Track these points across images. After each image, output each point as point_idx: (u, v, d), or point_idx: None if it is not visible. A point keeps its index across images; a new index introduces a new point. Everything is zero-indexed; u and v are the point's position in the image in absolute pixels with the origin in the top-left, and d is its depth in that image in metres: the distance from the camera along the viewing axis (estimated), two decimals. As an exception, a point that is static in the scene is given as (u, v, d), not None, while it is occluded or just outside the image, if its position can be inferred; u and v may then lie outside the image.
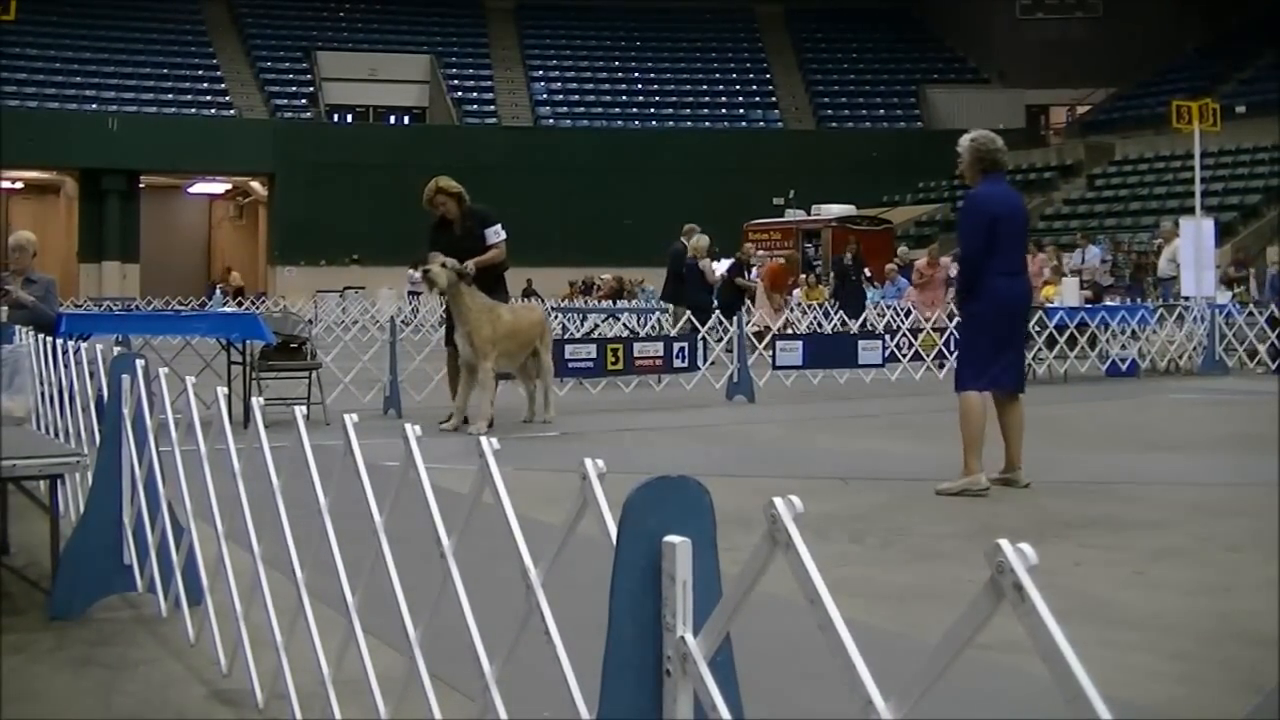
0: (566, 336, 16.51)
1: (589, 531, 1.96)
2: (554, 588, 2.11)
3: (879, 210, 36.12)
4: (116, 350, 5.54)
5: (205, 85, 43.58)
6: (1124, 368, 15.55)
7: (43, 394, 6.09)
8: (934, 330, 16.03)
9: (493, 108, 45.52)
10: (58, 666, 3.85)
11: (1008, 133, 47.05)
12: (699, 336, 14.81)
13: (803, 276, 26.43)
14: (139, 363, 4.37)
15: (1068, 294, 17.67)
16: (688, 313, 16.30)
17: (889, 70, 47.84)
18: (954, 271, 20.31)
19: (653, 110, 46.22)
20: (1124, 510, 6.51)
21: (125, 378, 4.38)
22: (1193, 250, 18.38)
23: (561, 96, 46.51)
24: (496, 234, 10.21)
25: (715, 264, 20.10)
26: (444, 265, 9.75)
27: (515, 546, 2.17)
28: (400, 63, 45.41)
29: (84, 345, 5.49)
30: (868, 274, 24.30)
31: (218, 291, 34.92)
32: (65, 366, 5.69)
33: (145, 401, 4.30)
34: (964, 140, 7.36)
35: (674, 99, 46.37)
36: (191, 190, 46.32)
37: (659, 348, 13.81)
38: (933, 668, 1.45)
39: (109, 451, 4.45)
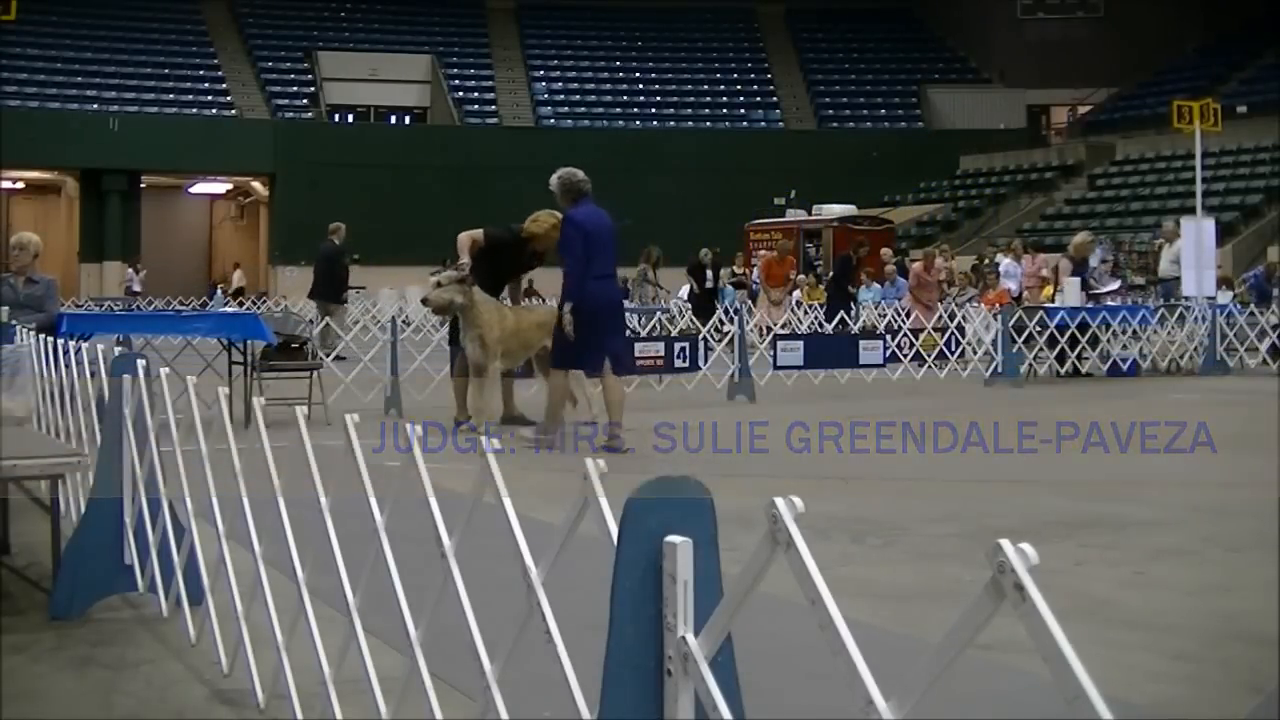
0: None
1: (590, 531, 1.96)
2: (554, 588, 2.11)
3: (880, 210, 36.06)
4: (117, 350, 5.53)
5: (205, 85, 43.53)
6: (1124, 368, 15.54)
7: (44, 394, 6.09)
8: (935, 330, 16.02)
9: (494, 108, 45.48)
10: (58, 666, 3.85)
11: (1009, 133, 46.73)
12: (700, 336, 14.79)
13: (802, 277, 26.36)
14: (140, 362, 4.37)
15: (1068, 294, 17.62)
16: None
17: (889, 70, 47.76)
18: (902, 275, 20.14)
19: (653, 110, 46.16)
20: (1124, 510, 6.51)
21: (126, 377, 4.38)
22: (1193, 250, 18.36)
23: (563, 96, 46.46)
24: None
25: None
26: (440, 284, 9.78)
27: (516, 546, 2.17)
28: (401, 62, 45.33)
29: (85, 345, 5.49)
30: (865, 277, 23.68)
31: (218, 292, 34.88)
32: (66, 366, 5.69)
33: (146, 401, 4.30)
34: (552, 179, 8.91)
35: (674, 99, 46.30)
36: (192, 190, 46.29)
37: (660, 348, 13.80)
38: (933, 668, 1.45)
39: (110, 451, 4.45)
